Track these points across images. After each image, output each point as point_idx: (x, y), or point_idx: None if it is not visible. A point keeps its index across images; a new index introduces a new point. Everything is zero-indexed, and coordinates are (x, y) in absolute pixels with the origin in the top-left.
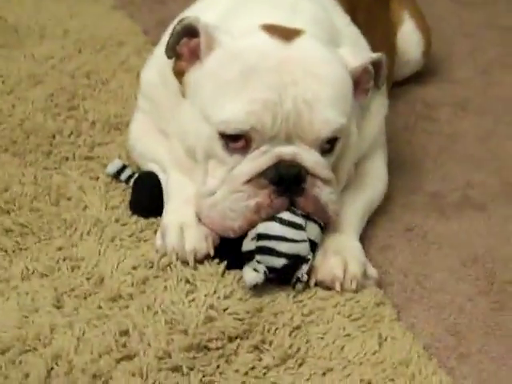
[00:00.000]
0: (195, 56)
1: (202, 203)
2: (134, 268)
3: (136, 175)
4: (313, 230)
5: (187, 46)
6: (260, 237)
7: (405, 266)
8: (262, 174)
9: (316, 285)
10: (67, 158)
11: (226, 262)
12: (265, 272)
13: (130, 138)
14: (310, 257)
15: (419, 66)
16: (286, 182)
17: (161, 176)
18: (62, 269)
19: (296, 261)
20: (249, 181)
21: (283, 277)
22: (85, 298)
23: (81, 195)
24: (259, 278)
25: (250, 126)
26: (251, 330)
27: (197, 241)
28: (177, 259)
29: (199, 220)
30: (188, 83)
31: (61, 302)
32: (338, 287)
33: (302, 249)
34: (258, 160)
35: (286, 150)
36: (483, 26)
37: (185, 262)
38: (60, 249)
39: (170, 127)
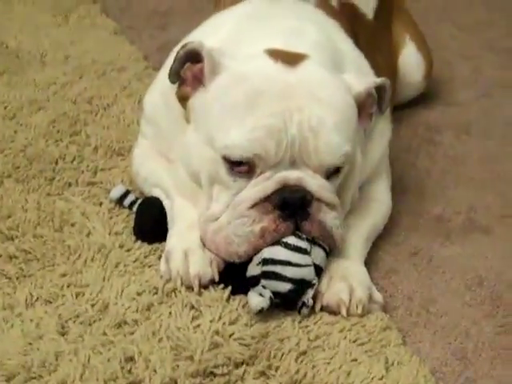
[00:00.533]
0: (198, 81)
1: (207, 228)
2: (139, 294)
3: (139, 201)
4: (318, 255)
5: (191, 71)
6: (265, 261)
7: (410, 290)
8: (266, 199)
9: (322, 310)
10: (70, 184)
11: (230, 287)
12: (270, 297)
13: (134, 163)
14: (315, 281)
15: (421, 88)
16: (291, 206)
17: (164, 201)
18: (67, 295)
19: (301, 285)
20: (253, 206)
21: (289, 302)
22: (89, 324)
23: (84, 221)
24: (265, 303)
25: (254, 153)
26: (257, 356)
27: (201, 266)
28: (181, 284)
29: (203, 245)
30: (192, 108)
31: (65, 328)
32: (344, 312)
33: (308, 273)
34: (262, 185)
35: (291, 175)
36: (484, 49)
37: (189, 288)
38: (64, 275)
39: (174, 152)
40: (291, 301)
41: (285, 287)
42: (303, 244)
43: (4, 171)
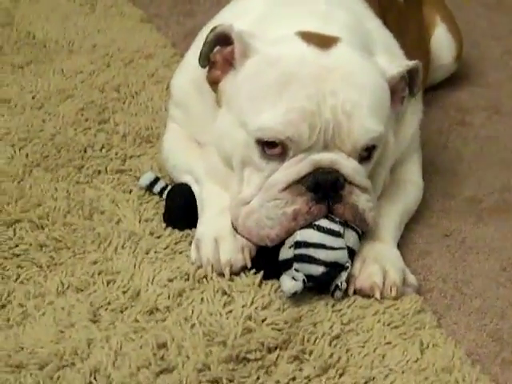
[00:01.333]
0: (229, 64)
1: (238, 212)
2: (170, 280)
3: (169, 187)
4: (351, 238)
5: (221, 54)
6: (298, 244)
7: (444, 272)
8: (299, 182)
9: (355, 293)
10: (99, 172)
11: (263, 272)
12: (303, 280)
13: (163, 149)
14: (348, 264)
15: (452, 70)
16: (324, 189)
17: (194, 187)
18: (98, 283)
19: (335, 268)
20: (285, 188)
21: (322, 285)
22: (121, 311)
23: (114, 209)
24: (298, 287)
25: (287, 135)
26: (290, 341)
27: (232, 252)
28: (212, 271)
29: (235, 230)
30: (223, 91)
31: (97, 316)
32: (377, 295)
33: (341, 256)
34: (295, 167)
35: (324, 157)
36: None
37: (221, 274)
38: (95, 263)
39: (205, 136)
40: (324, 284)
41: (318, 270)
42: (336, 227)
43: (33, 160)
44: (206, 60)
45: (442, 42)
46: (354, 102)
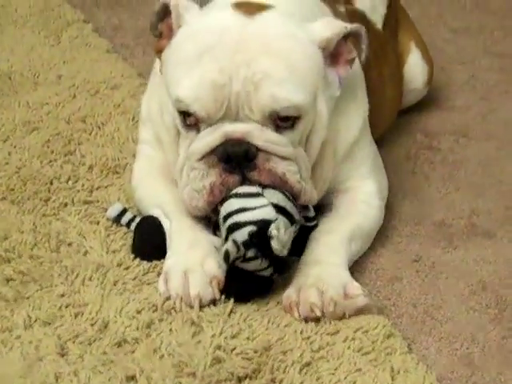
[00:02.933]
0: (172, 34)
1: (179, 183)
2: (139, 312)
3: (137, 219)
4: (273, 195)
5: (166, 24)
6: (224, 218)
7: (414, 297)
8: (212, 152)
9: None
10: (66, 204)
11: (233, 296)
12: (234, 241)
13: (133, 178)
14: (276, 218)
15: (423, 94)
16: (235, 159)
17: (163, 219)
18: (65, 316)
19: (264, 225)
20: (201, 158)
21: (258, 243)
22: (89, 344)
23: (81, 240)
24: (228, 246)
25: (195, 107)
26: (260, 370)
27: (202, 286)
28: (181, 304)
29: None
30: (162, 61)
31: (65, 349)
32: (318, 312)
33: (266, 213)
34: (206, 138)
35: (235, 128)
36: (480, 53)
37: (190, 306)
38: (62, 295)
39: (174, 154)
40: (260, 242)
41: (247, 231)
42: (254, 189)
43: None
44: (154, 30)
45: (415, 67)
46: (265, 71)
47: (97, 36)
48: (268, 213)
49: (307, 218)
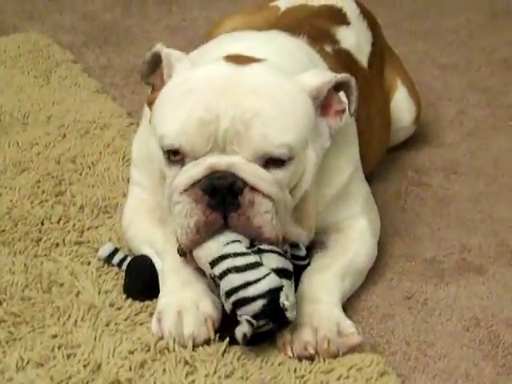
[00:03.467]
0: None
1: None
2: (131, 352)
3: (128, 258)
4: (270, 260)
5: (160, 76)
6: (227, 294)
7: (407, 334)
8: (196, 184)
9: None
10: (57, 244)
11: (228, 339)
12: (247, 320)
13: (124, 217)
14: (283, 283)
15: (411, 132)
16: (220, 193)
17: (155, 259)
18: (58, 357)
19: (272, 295)
20: (185, 190)
21: (271, 315)
22: None
23: (73, 281)
24: (243, 329)
25: (180, 143)
26: None
27: (196, 325)
28: (174, 344)
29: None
30: (152, 111)
31: None
32: (311, 350)
33: (271, 282)
34: (190, 170)
35: (219, 160)
36: (467, 90)
37: (183, 346)
38: (54, 337)
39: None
40: (273, 313)
41: (258, 305)
42: (251, 258)
43: None
44: (145, 78)
45: (402, 104)
46: (255, 111)
47: (86, 76)
48: (272, 281)
49: (299, 257)
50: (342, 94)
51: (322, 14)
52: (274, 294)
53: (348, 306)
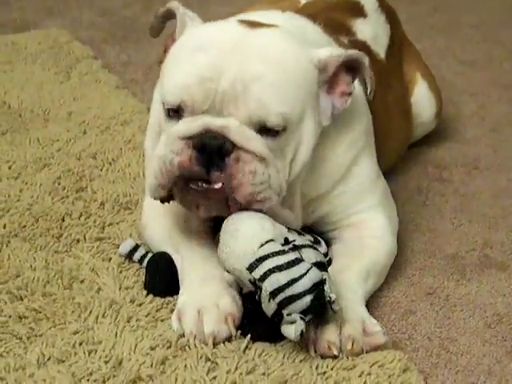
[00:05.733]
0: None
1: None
2: (153, 348)
3: (149, 255)
4: (309, 255)
5: (171, 36)
6: (273, 294)
7: (429, 330)
8: (190, 138)
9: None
10: (78, 240)
11: (249, 336)
12: (300, 317)
13: (143, 214)
14: (325, 276)
15: (432, 127)
16: (209, 151)
17: (175, 256)
18: (79, 353)
19: (317, 289)
20: (180, 139)
21: (319, 310)
22: (103, 381)
23: (94, 277)
24: (299, 326)
25: (181, 99)
26: None
27: (216, 324)
28: (195, 341)
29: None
30: (161, 70)
31: None
32: (335, 352)
33: (314, 276)
34: (188, 125)
35: (215, 122)
36: (489, 85)
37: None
38: (75, 333)
39: None
40: (320, 308)
41: (306, 301)
42: (291, 255)
43: (11, 230)
44: (154, 32)
45: (423, 98)
46: (256, 74)
47: (106, 72)
48: (316, 275)
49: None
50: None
51: (340, 6)
52: (318, 288)
53: (369, 302)
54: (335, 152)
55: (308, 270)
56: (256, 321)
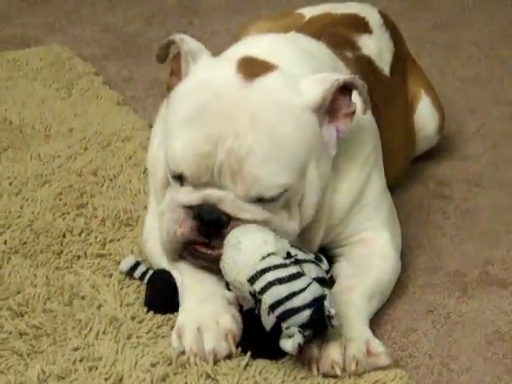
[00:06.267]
0: (180, 75)
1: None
2: (153, 365)
3: (150, 272)
4: (310, 269)
5: (177, 61)
6: (272, 307)
7: (430, 348)
8: (190, 208)
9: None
10: (79, 257)
11: (250, 353)
12: (298, 331)
13: (145, 230)
14: (326, 292)
15: (434, 142)
16: (207, 223)
17: (174, 273)
18: (79, 370)
19: (317, 304)
20: (181, 207)
21: (318, 325)
22: None
23: (94, 294)
24: (297, 339)
25: (180, 171)
26: None
27: (216, 341)
28: (195, 359)
29: None
30: (170, 99)
31: None
32: (338, 372)
33: (315, 291)
34: (188, 195)
35: (213, 194)
36: (490, 102)
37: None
38: (76, 349)
39: None
40: (319, 322)
41: (305, 315)
42: (293, 269)
43: (11, 247)
44: (161, 59)
45: (426, 114)
46: (251, 148)
47: (107, 88)
48: (316, 290)
49: None
50: (354, 94)
51: (345, 22)
52: (319, 302)
53: (371, 319)
54: (349, 176)
55: (309, 285)
56: (257, 338)
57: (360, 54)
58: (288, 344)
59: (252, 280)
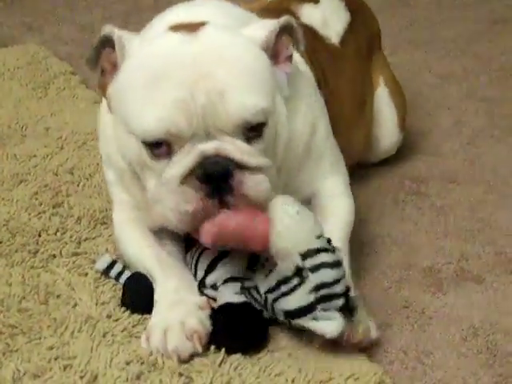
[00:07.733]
0: (116, 69)
1: (157, 209)
2: (128, 363)
3: (126, 272)
4: (344, 260)
5: (108, 59)
6: (317, 288)
7: (404, 343)
8: (191, 173)
9: None
10: (54, 256)
11: (224, 349)
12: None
13: (115, 229)
14: (349, 285)
15: (397, 137)
16: (215, 179)
17: (149, 277)
18: (54, 368)
19: (347, 295)
20: (182, 182)
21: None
22: None
23: (70, 292)
24: (341, 324)
25: (165, 131)
26: None
27: (179, 341)
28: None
29: None
30: (110, 97)
31: None
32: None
33: (346, 282)
34: (182, 161)
35: (208, 146)
36: (465, 98)
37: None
38: (51, 348)
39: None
40: (345, 312)
41: (338, 304)
42: (336, 256)
43: None
44: (92, 64)
45: (382, 103)
46: (227, 80)
47: (84, 87)
48: (347, 281)
49: None
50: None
51: None
52: (347, 294)
53: None
54: (299, 114)
55: (343, 276)
56: (232, 333)
57: (299, 22)
58: (328, 327)
59: (306, 255)
